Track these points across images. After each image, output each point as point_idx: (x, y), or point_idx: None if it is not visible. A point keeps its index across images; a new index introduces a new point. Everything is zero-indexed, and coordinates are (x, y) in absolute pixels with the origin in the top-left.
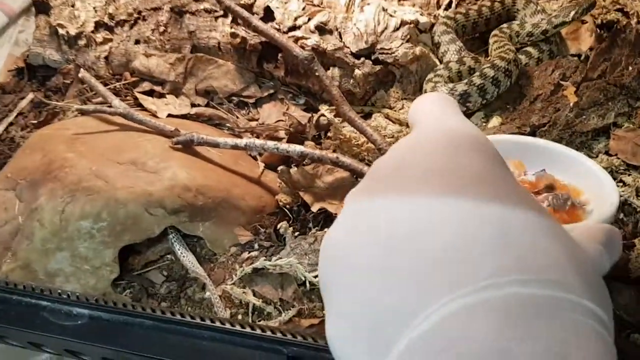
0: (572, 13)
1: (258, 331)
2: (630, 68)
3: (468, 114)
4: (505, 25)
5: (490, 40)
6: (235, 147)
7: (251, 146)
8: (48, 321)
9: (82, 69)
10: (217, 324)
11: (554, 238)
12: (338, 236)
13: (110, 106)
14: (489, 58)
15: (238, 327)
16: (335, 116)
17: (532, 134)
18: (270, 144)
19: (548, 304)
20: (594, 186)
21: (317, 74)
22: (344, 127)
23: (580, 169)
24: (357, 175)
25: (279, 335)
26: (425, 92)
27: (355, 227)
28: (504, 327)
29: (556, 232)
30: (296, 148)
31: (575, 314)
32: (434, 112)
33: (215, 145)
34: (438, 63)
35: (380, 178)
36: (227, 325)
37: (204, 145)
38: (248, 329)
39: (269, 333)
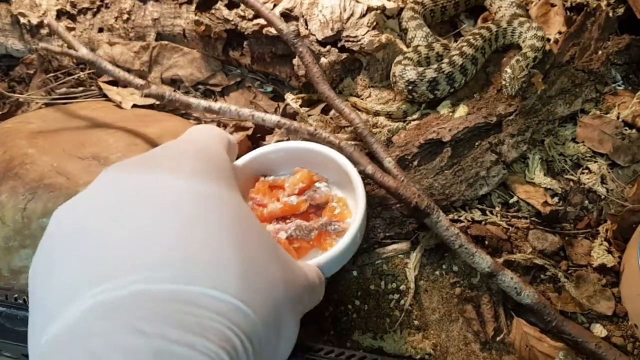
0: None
1: None
2: (599, 52)
3: (436, 101)
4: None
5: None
6: (208, 110)
7: (225, 111)
8: (4, 327)
9: (49, 15)
10: None
11: (231, 240)
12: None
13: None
14: (457, 44)
15: None
16: (303, 104)
17: (499, 123)
18: (246, 111)
19: (169, 300)
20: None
21: (300, 49)
22: (310, 116)
23: (356, 196)
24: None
25: None
26: (394, 74)
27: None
28: (123, 325)
29: (238, 237)
30: (272, 117)
31: (204, 310)
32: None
33: (187, 105)
34: (405, 49)
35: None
36: None
37: (175, 104)
38: None
39: None
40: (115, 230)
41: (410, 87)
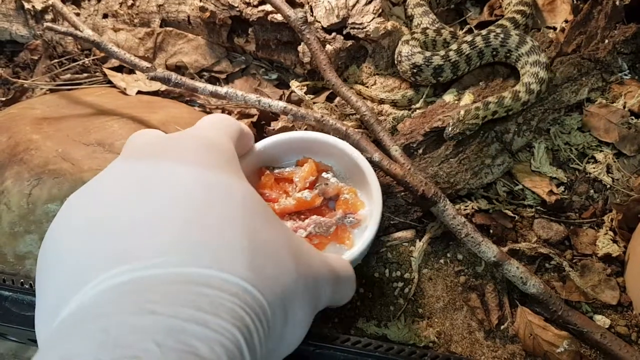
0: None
1: None
2: (605, 41)
3: (439, 86)
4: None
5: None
6: (214, 94)
7: (231, 96)
8: (10, 312)
9: None
10: None
11: (246, 227)
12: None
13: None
14: (474, 33)
15: None
16: (307, 92)
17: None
18: (252, 97)
19: (179, 282)
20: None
21: (307, 36)
22: (315, 103)
23: (367, 189)
24: (341, 137)
25: None
26: (400, 53)
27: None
28: (134, 306)
29: (254, 224)
30: (279, 104)
31: (215, 291)
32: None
33: (194, 89)
34: (414, 29)
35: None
36: None
37: (181, 88)
38: None
39: None
40: (126, 217)
41: (415, 70)
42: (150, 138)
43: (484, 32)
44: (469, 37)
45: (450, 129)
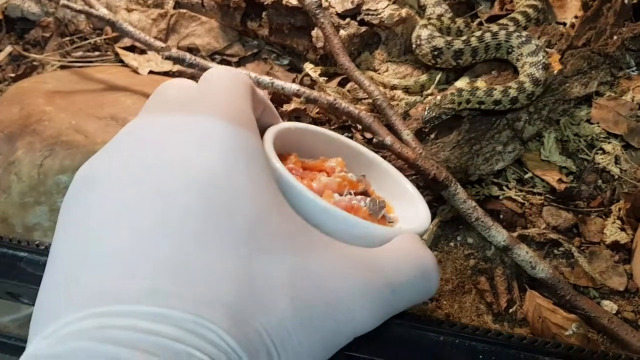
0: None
1: None
2: (614, 37)
3: (459, 70)
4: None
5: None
6: None
7: None
8: (25, 272)
9: None
10: None
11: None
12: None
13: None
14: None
15: None
16: (320, 75)
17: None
18: (265, 78)
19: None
20: (407, 209)
21: (321, 20)
22: (328, 87)
23: (398, 190)
24: (353, 121)
25: None
26: (419, 37)
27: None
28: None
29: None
30: (292, 86)
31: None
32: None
33: (205, 70)
34: (429, 15)
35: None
36: None
37: (194, 68)
38: None
39: None
40: (120, 223)
41: (435, 53)
42: (180, 91)
43: (511, 28)
44: (494, 28)
45: (426, 112)
